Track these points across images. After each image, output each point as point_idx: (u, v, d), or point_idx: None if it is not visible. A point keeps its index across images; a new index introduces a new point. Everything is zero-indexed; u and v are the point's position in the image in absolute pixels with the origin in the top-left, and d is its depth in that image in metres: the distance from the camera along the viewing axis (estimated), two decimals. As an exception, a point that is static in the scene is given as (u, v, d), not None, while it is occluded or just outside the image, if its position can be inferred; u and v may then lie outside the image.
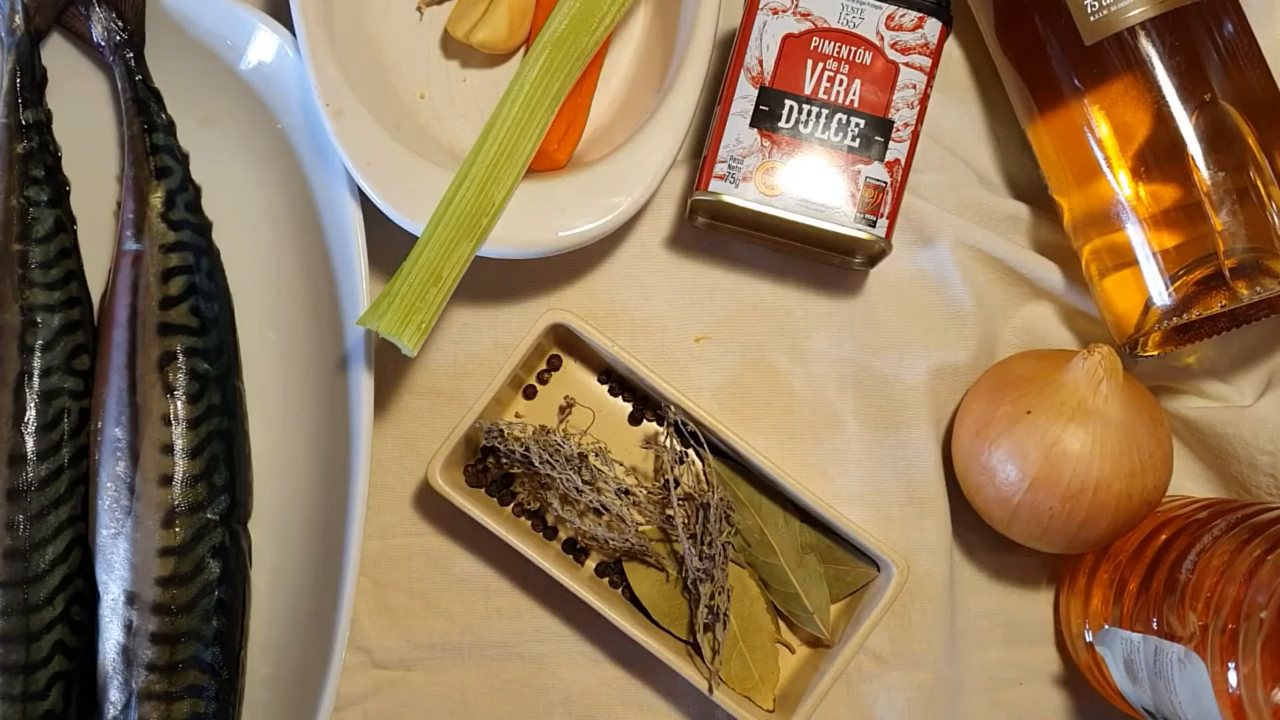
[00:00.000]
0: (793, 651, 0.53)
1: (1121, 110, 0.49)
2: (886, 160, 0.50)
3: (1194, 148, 0.48)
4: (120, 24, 0.51)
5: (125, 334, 0.49)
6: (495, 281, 0.55)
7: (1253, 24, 0.50)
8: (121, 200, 0.52)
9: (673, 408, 0.52)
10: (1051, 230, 0.55)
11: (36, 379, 0.49)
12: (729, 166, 0.50)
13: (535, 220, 0.50)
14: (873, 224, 0.50)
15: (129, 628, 0.48)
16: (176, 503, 0.48)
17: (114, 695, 0.48)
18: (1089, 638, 0.52)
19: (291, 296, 0.53)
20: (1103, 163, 0.50)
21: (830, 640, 0.52)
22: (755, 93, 0.50)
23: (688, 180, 0.55)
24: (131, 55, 0.52)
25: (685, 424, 0.52)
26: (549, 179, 0.51)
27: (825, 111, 0.50)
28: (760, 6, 0.51)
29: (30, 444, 0.48)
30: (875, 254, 0.52)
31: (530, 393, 0.54)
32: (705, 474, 0.53)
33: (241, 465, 0.51)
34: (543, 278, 0.55)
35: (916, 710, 0.54)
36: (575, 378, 0.55)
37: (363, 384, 0.50)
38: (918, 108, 0.51)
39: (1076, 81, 0.50)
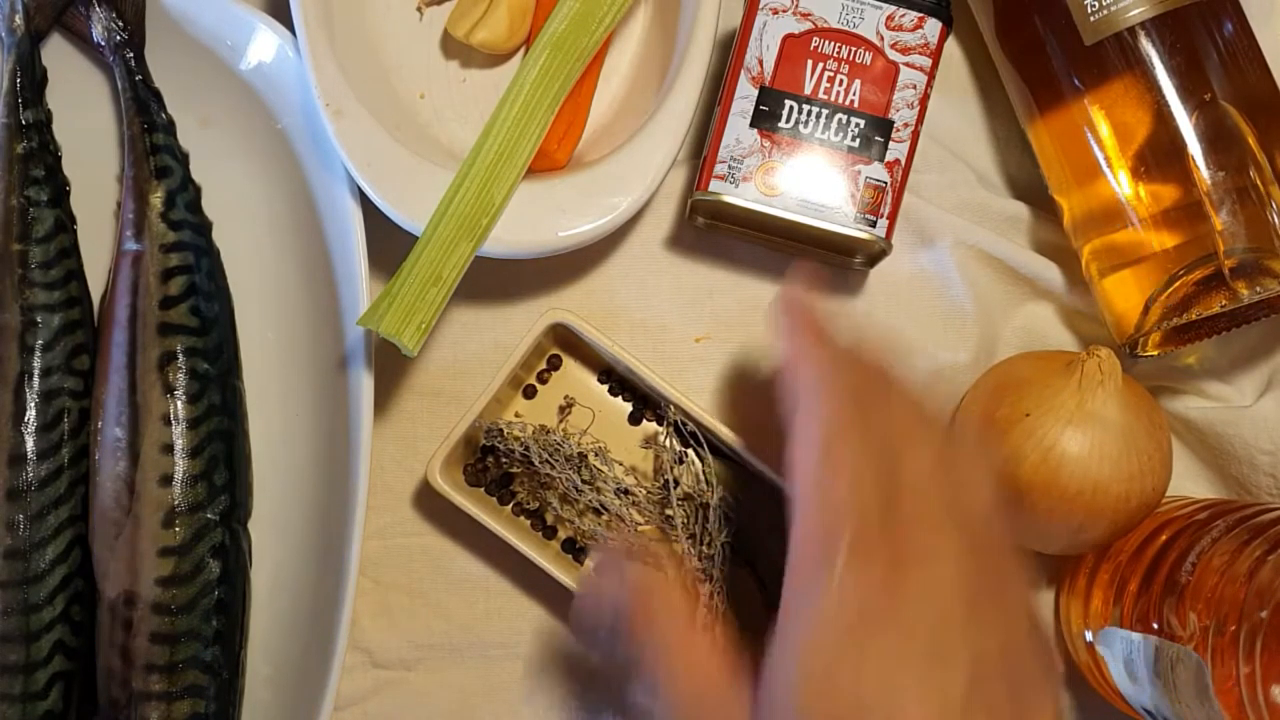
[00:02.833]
0: (793, 651, 0.53)
1: (1121, 110, 0.49)
2: (886, 160, 0.50)
3: (1194, 148, 0.48)
4: (120, 24, 0.51)
5: (125, 334, 0.49)
6: (495, 281, 0.55)
7: (1253, 24, 0.50)
8: (121, 200, 0.52)
9: (673, 408, 0.52)
10: (1051, 230, 0.55)
11: (36, 379, 0.49)
12: (729, 166, 0.50)
13: (535, 220, 0.50)
14: (873, 224, 0.50)
15: (129, 628, 0.48)
16: (176, 503, 0.48)
17: (114, 695, 0.48)
18: (1089, 638, 0.52)
19: (291, 296, 0.53)
20: (1103, 163, 0.50)
21: (830, 640, 0.52)
22: (755, 93, 0.50)
23: (688, 180, 0.55)
24: (131, 55, 0.52)
25: (685, 424, 0.52)
26: (549, 179, 0.51)
27: (825, 111, 0.50)
28: (760, 6, 0.51)
29: (30, 444, 0.48)
30: (875, 254, 0.52)
31: (530, 392, 0.54)
32: (705, 474, 0.53)
33: (241, 465, 0.51)
34: (543, 278, 0.55)
35: (916, 710, 0.53)
36: (575, 378, 0.55)
37: (363, 384, 0.50)
38: (918, 108, 0.51)
39: (1076, 81, 0.50)
